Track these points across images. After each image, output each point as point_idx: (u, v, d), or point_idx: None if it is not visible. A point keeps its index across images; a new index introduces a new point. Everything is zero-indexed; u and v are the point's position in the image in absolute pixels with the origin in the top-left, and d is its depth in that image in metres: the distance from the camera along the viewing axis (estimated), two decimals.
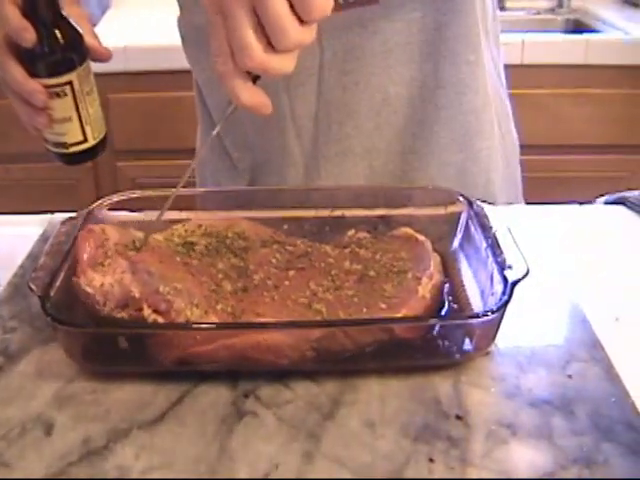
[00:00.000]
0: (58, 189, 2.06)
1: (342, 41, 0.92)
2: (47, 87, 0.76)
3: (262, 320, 0.68)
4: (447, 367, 0.69)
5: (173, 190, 0.86)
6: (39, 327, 0.75)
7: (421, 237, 0.81)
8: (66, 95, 0.78)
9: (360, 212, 0.88)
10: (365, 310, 0.69)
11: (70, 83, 0.78)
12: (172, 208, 0.89)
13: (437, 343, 0.68)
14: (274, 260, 0.77)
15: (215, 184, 1.10)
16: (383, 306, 0.70)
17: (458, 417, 0.64)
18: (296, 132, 0.98)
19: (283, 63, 0.62)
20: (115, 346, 0.67)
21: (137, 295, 0.69)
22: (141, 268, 0.72)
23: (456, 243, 0.82)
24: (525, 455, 0.60)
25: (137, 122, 1.91)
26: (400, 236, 0.82)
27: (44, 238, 0.91)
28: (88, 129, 0.81)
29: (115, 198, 0.86)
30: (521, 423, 0.63)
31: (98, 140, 0.83)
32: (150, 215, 0.87)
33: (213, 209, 0.89)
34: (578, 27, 2.36)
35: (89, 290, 0.71)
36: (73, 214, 0.83)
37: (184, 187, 0.76)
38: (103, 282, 0.71)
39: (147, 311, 0.68)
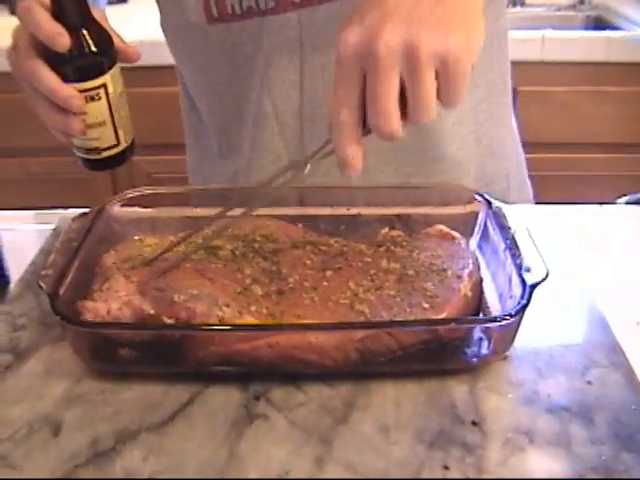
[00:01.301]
0: (74, 183, 2.06)
1: (322, 35, 0.90)
2: (81, 91, 0.74)
3: (308, 322, 0.67)
4: (464, 372, 0.67)
5: (186, 186, 0.86)
6: (49, 325, 0.74)
7: (457, 234, 0.79)
8: (100, 98, 0.76)
9: (377, 210, 0.87)
10: (408, 310, 0.68)
11: (104, 86, 0.76)
12: (186, 204, 0.89)
13: (454, 347, 0.66)
14: (309, 262, 0.76)
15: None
16: (426, 306, 0.68)
17: (474, 423, 0.62)
18: (280, 130, 0.96)
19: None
20: (125, 346, 0.66)
21: (152, 312, 0.68)
22: (149, 288, 0.70)
23: (474, 243, 0.81)
24: (542, 463, 0.59)
25: (154, 116, 1.91)
26: (435, 234, 0.80)
27: (56, 234, 0.90)
28: (121, 132, 0.79)
29: (127, 195, 0.84)
30: (539, 430, 0.61)
31: (129, 143, 0.82)
32: (163, 212, 0.86)
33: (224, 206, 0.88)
34: (599, 24, 2.33)
35: (96, 320, 0.68)
36: (85, 210, 0.82)
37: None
38: (109, 309, 0.69)
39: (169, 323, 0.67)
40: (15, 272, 0.85)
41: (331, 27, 0.89)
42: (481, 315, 0.72)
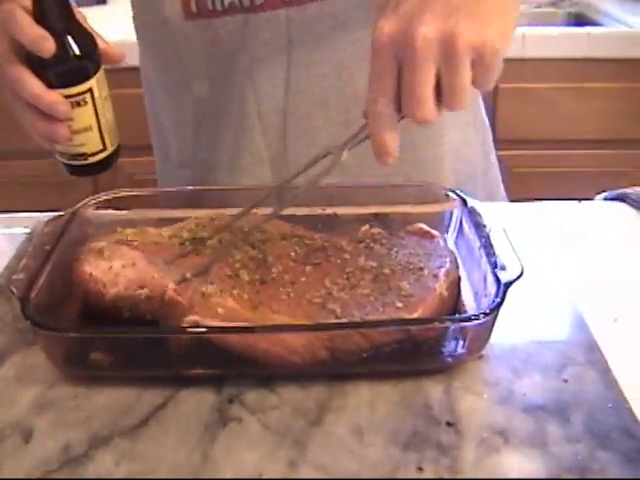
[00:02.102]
0: (55, 186, 2.04)
1: (311, 32, 0.90)
2: (67, 97, 0.73)
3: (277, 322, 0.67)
4: (439, 372, 0.67)
5: (159, 189, 0.85)
6: (22, 329, 0.73)
7: (436, 233, 0.79)
8: (87, 104, 0.74)
9: (353, 210, 0.87)
10: (381, 309, 0.67)
11: (90, 90, 0.74)
12: (165, 207, 0.89)
13: (428, 346, 0.66)
14: (293, 253, 0.76)
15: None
16: (399, 305, 0.68)
17: (449, 424, 0.62)
18: (262, 129, 0.95)
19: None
20: (98, 349, 0.65)
21: (156, 276, 0.69)
22: (157, 259, 0.72)
23: (450, 242, 0.80)
24: (517, 463, 0.58)
25: (134, 118, 1.89)
26: (415, 232, 0.80)
27: (30, 238, 0.89)
28: (106, 136, 0.78)
29: (100, 197, 0.84)
30: (514, 430, 0.61)
31: (115, 147, 0.80)
32: (138, 214, 0.85)
33: (202, 207, 0.87)
34: (580, 20, 2.34)
35: (95, 273, 0.69)
36: (59, 213, 0.81)
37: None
38: (111, 265, 0.70)
39: (170, 288, 0.68)
40: None
41: (320, 25, 0.89)
42: (457, 314, 0.72)
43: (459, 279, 0.75)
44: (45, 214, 0.95)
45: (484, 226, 0.75)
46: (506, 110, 1.97)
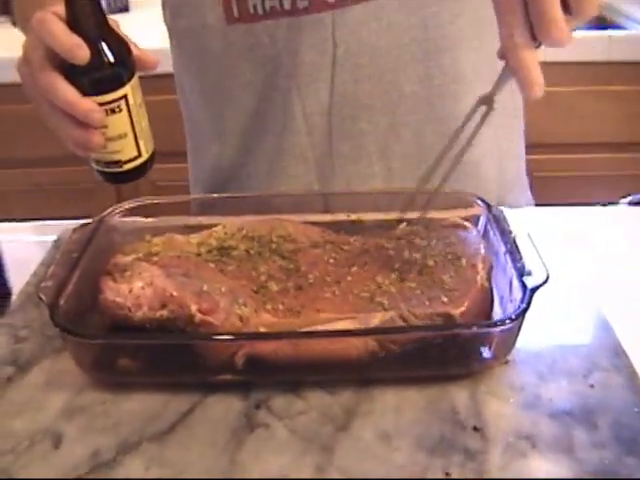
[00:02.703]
0: (78, 193, 2.07)
1: (356, 35, 0.90)
2: (102, 104, 0.72)
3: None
4: (465, 377, 0.67)
5: (186, 196, 0.86)
6: (51, 336, 0.74)
7: (468, 224, 0.80)
8: (121, 110, 0.74)
9: (377, 216, 0.87)
10: (427, 303, 0.68)
11: (125, 97, 0.74)
12: (189, 213, 0.89)
13: (454, 351, 0.66)
14: (331, 260, 0.76)
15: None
16: (445, 299, 0.69)
17: (475, 429, 0.62)
18: (307, 130, 0.95)
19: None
20: (126, 355, 0.66)
21: (175, 294, 0.68)
22: (175, 271, 0.72)
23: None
24: (544, 468, 0.58)
25: (159, 124, 1.91)
26: (448, 225, 0.81)
27: (57, 245, 0.90)
28: (142, 143, 0.77)
29: (127, 205, 0.85)
30: (540, 435, 0.61)
31: (150, 153, 0.80)
32: (164, 221, 0.86)
33: (229, 215, 0.87)
34: (601, 23, 2.33)
35: (119, 300, 0.69)
36: (86, 220, 0.82)
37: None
38: (132, 288, 0.69)
39: (194, 308, 0.67)
40: (17, 284, 0.85)
41: (364, 28, 0.90)
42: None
43: (492, 268, 0.75)
44: (72, 221, 0.96)
45: (509, 232, 0.75)
46: (526, 114, 1.96)
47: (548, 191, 2.04)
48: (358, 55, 0.91)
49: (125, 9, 2.38)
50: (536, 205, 1.06)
